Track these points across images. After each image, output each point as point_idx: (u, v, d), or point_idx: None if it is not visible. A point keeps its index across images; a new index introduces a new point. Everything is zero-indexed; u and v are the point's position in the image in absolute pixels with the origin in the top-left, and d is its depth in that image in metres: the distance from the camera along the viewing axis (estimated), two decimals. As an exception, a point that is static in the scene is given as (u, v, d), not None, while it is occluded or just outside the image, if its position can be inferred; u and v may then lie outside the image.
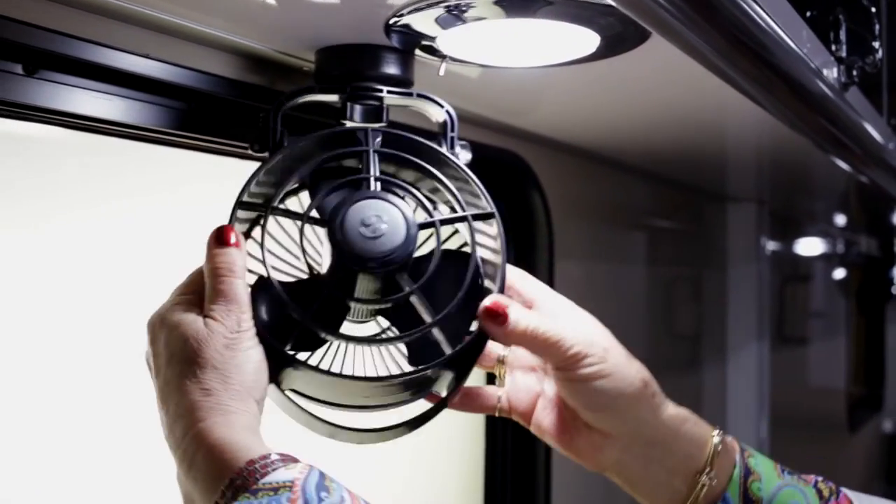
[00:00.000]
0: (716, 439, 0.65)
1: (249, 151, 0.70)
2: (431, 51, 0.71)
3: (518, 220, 1.23)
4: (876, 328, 3.90)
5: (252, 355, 0.58)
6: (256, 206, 0.64)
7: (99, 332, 0.81)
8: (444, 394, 0.66)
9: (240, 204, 0.62)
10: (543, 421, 0.69)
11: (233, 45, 0.71)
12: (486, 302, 0.62)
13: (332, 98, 0.72)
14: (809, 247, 2.85)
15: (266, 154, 0.68)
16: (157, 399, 0.59)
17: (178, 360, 0.56)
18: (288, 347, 0.61)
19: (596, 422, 0.65)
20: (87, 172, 0.80)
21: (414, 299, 0.64)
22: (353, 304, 0.64)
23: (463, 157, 0.72)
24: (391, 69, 0.71)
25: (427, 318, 0.63)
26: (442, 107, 0.73)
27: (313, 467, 0.52)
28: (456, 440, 1.23)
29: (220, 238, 0.60)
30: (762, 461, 0.67)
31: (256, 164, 0.67)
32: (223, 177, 0.86)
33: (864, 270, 3.64)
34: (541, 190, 1.23)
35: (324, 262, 0.64)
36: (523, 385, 0.70)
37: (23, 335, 0.75)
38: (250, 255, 0.62)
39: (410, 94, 0.73)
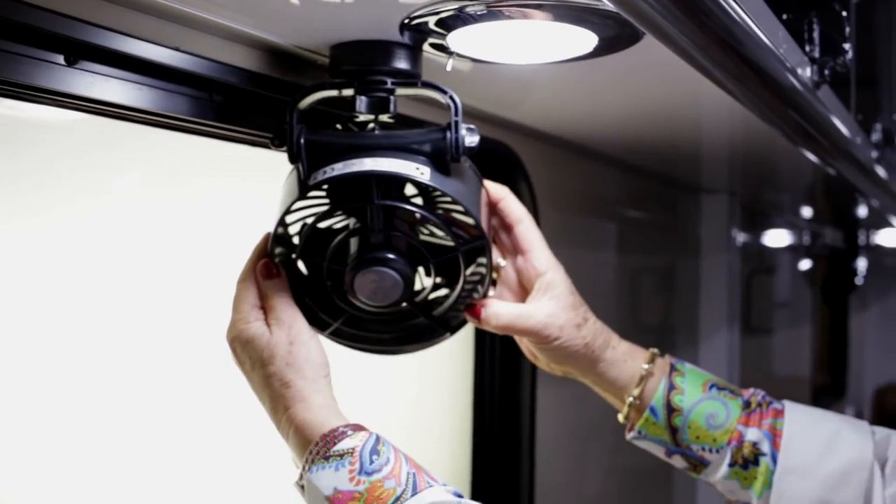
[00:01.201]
0: (643, 371, 0.87)
1: (270, 145, 0.76)
2: (439, 47, 0.76)
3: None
4: (840, 318, 3.99)
5: (312, 346, 0.74)
6: (288, 245, 0.79)
7: (117, 313, 0.85)
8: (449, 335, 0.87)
9: (276, 239, 0.78)
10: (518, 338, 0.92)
11: (255, 40, 0.76)
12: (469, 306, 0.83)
13: (345, 93, 0.77)
14: (776, 238, 2.90)
15: (285, 149, 0.75)
16: (254, 394, 0.75)
17: (260, 366, 0.73)
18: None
19: (551, 364, 0.88)
20: (106, 158, 0.84)
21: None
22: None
23: (469, 139, 0.77)
24: (402, 64, 0.76)
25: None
26: (445, 93, 0.78)
27: (372, 434, 0.69)
28: (446, 360, 1.30)
29: (267, 273, 0.76)
30: (691, 379, 0.87)
31: (276, 153, 0.75)
32: (242, 166, 0.91)
33: (829, 262, 3.72)
34: (528, 180, 1.28)
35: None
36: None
37: (47, 320, 0.79)
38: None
39: (416, 84, 0.78)
